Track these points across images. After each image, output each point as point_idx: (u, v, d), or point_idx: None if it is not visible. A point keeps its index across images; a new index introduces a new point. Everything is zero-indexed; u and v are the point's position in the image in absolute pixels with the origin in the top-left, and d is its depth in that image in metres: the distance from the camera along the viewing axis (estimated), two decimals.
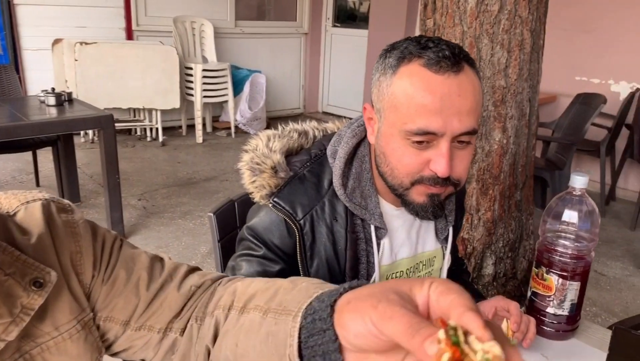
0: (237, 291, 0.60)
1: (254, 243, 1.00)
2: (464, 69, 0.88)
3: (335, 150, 1.02)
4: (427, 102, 0.85)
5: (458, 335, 0.35)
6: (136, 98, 4.85)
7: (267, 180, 1.00)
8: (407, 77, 0.88)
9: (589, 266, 1.06)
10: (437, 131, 0.86)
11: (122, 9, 5.12)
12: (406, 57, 0.88)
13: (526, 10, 2.30)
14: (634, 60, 4.05)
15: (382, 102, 0.92)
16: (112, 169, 3.01)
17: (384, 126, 0.93)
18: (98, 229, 0.66)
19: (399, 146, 0.90)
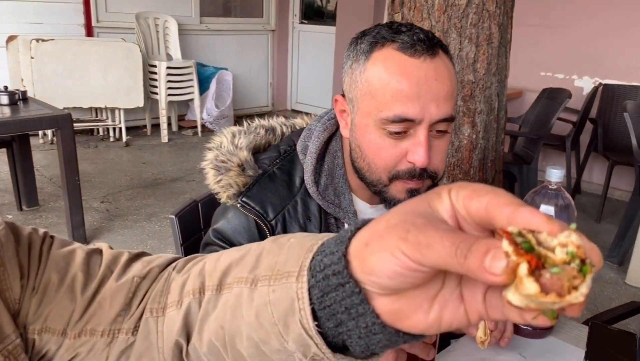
0: (205, 270, 0.51)
1: (221, 248, 0.94)
2: (439, 53, 0.84)
3: (306, 145, 0.97)
4: (403, 87, 0.81)
5: (528, 238, 0.29)
6: (98, 97, 4.68)
7: (235, 178, 0.94)
8: (381, 62, 0.84)
9: None
10: (414, 118, 0.82)
11: (81, 4, 4.94)
12: (379, 41, 0.85)
13: (494, 4, 2.29)
14: (597, 56, 4.12)
15: (356, 91, 0.88)
16: (72, 171, 2.88)
17: (358, 116, 0.88)
18: (21, 232, 0.56)
19: (375, 138, 0.86)
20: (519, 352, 1.01)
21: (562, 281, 0.29)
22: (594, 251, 0.30)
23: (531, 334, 1.05)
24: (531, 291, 0.29)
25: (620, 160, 3.57)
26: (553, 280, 0.29)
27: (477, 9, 2.27)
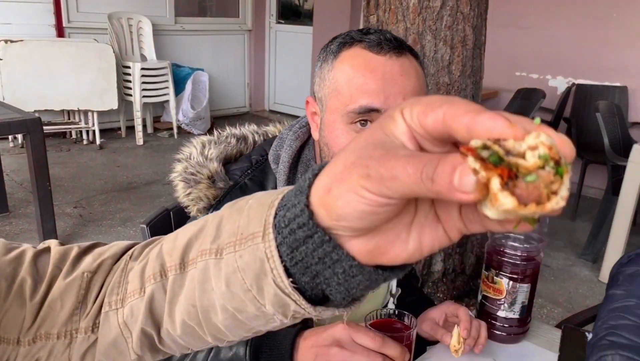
0: (164, 251, 0.47)
1: None
2: (406, 54, 0.86)
3: (278, 155, 0.96)
4: (368, 81, 0.82)
5: (494, 149, 0.27)
6: (70, 99, 4.58)
7: (205, 191, 0.92)
8: (348, 60, 0.85)
9: (538, 267, 1.04)
10: (379, 107, 0.82)
11: (52, 4, 4.82)
12: (348, 42, 0.86)
13: (467, 6, 2.30)
14: (569, 55, 4.19)
15: (324, 89, 0.88)
16: (42, 177, 2.80)
17: (327, 113, 0.88)
18: None
19: (342, 133, 0.86)
20: (493, 358, 1.01)
21: (539, 188, 0.27)
22: (565, 145, 0.29)
23: (505, 339, 1.05)
24: (508, 206, 0.27)
25: (593, 159, 3.63)
26: (529, 189, 0.27)
27: (452, 11, 2.28)
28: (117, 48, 5.02)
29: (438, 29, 2.30)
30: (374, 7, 2.42)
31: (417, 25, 2.30)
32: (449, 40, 2.31)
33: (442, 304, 1.03)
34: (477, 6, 2.34)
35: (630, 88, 3.94)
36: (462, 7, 2.29)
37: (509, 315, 1.04)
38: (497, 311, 1.04)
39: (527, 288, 1.03)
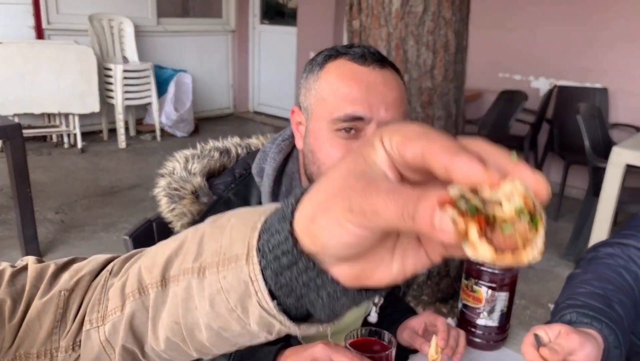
0: (142, 268, 0.47)
1: None
2: (387, 67, 0.89)
3: (262, 168, 0.96)
4: (353, 90, 0.85)
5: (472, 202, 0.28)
6: (50, 102, 4.51)
7: (188, 207, 0.92)
8: (333, 70, 0.88)
9: (516, 276, 1.05)
10: (363, 115, 0.85)
11: (31, 5, 4.74)
12: (333, 55, 0.89)
13: (449, 11, 2.31)
14: (551, 57, 4.24)
15: (310, 99, 0.90)
16: (22, 183, 2.76)
17: (312, 121, 0.90)
18: None
19: (327, 140, 0.87)
20: None
21: (515, 238, 0.28)
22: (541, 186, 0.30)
23: (485, 346, 1.07)
24: (485, 255, 0.28)
25: (575, 159, 3.68)
26: (506, 239, 0.28)
27: (434, 16, 2.29)
28: (99, 50, 4.96)
29: (420, 34, 2.31)
30: (356, 12, 2.43)
31: (399, 31, 2.31)
32: (432, 45, 2.33)
33: (422, 313, 1.04)
34: (459, 11, 2.36)
35: (610, 90, 4.01)
36: (444, 13, 2.30)
37: (488, 322, 1.05)
38: (477, 319, 1.05)
39: (505, 297, 1.04)
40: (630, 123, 3.87)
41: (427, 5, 2.27)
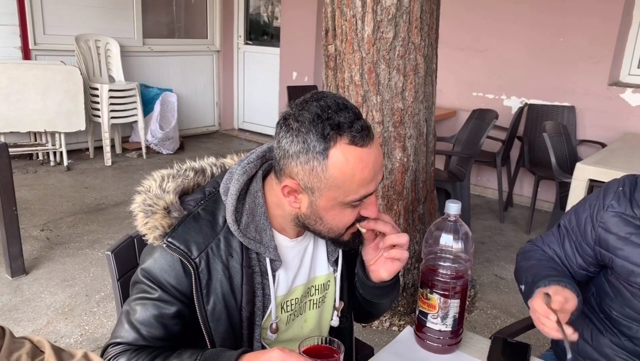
0: None
1: (149, 286, 1.00)
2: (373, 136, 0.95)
3: (228, 187, 1.03)
4: (365, 175, 0.94)
5: None
6: (36, 121, 4.58)
7: (160, 221, 0.99)
8: (341, 158, 0.91)
9: (467, 283, 1.16)
10: (373, 191, 0.97)
11: (17, 27, 4.83)
12: (331, 138, 0.90)
13: (418, 37, 2.46)
14: (522, 77, 4.43)
15: (319, 183, 0.94)
16: (9, 202, 2.82)
17: (323, 200, 0.96)
18: None
19: (339, 212, 0.98)
20: None
21: None
22: None
23: (439, 350, 1.17)
24: None
25: (544, 175, 3.84)
26: None
27: (404, 41, 2.44)
28: (85, 70, 5.05)
29: (391, 58, 2.45)
30: (331, 38, 2.57)
31: (372, 55, 2.45)
32: (402, 68, 2.47)
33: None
34: (428, 37, 2.51)
35: (577, 108, 4.20)
36: (414, 38, 2.45)
37: (442, 327, 1.16)
38: (432, 324, 1.16)
39: (457, 303, 1.15)
40: (596, 140, 4.06)
41: (397, 32, 2.42)
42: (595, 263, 1.28)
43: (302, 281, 1.11)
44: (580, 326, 1.34)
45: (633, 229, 1.18)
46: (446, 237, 1.13)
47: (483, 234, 3.96)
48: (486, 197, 4.78)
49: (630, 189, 1.22)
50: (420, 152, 2.66)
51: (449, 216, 1.13)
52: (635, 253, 1.16)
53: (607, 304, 1.27)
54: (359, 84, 2.50)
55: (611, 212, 1.22)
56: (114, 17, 5.48)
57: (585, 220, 1.27)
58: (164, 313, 0.99)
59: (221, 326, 1.01)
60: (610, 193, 1.24)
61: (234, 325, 1.02)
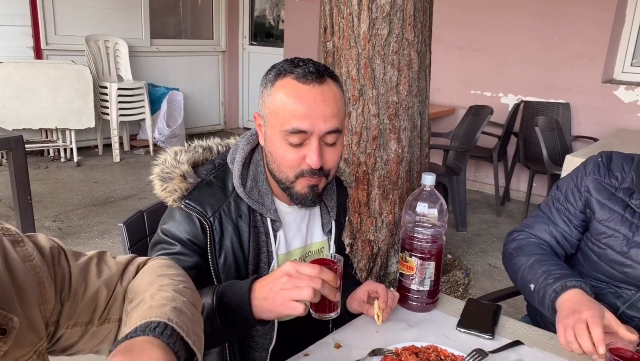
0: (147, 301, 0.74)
1: (169, 243, 1.13)
2: (326, 81, 1.08)
3: (234, 157, 1.19)
4: (297, 107, 1.05)
5: None
6: (48, 118, 4.75)
7: (178, 184, 1.13)
8: (282, 89, 1.07)
9: (441, 248, 1.29)
10: (307, 129, 1.06)
11: (30, 27, 5.01)
12: (281, 73, 1.09)
13: (412, 33, 2.59)
14: (518, 75, 4.55)
15: (265, 110, 1.11)
16: (24, 191, 2.98)
17: (268, 129, 1.11)
18: (44, 250, 0.72)
19: (281, 145, 1.09)
20: (406, 322, 1.25)
21: None
22: None
23: (418, 308, 1.30)
24: None
25: (538, 169, 3.95)
26: None
27: (398, 38, 2.57)
28: (94, 69, 5.22)
29: (386, 54, 2.58)
30: (329, 35, 2.70)
31: (367, 51, 2.58)
32: (396, 63, 2.60)
33: (364, 283, 1.27)
34: (421, 33, 2.64)
35: (572, 105, 4.31)
36: (407, 35, 2.58)
37: (420, 288, 1.28)
38: (410, 285, 1.29)
39: (433, 266, 1.28)
40: (590, 135, 4.17)
41: (391, 29, 2.55)
42: (587, 230, 1.40)
43: (299, 245, 1.25)
44: None
45: (608, 195, 1.32)
46: (422, 206, 1.26)
47: (479, 227, 4.08)
48: (484, 192, 4.90)
49: (607, 161, 1.37)
50: (415, 144, 2.79)
51: (425, 187, 1.25)
52: (608, 217, 1.30)
53: (577, 269, 1.41)
54: (355, 79, 2.64)
55: (591, 177, 1.36)
56: (122, 18, 5.65)
57: (572, 191, 1.40)
58: (184, 265, 1.11)
59: (230, 277, 1.14)
60: (591, 162, 1.39)
61: (241, 277, 1.15)
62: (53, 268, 0.73)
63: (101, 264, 0.80)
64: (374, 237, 2.84)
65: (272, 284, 0.96)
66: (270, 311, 0.97)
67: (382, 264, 2.91)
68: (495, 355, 1.13)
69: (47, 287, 0.70)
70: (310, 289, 0.92)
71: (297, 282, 0.93)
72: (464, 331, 1.22)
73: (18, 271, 0.66)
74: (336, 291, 0.97)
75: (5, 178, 4.21)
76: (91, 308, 0.76)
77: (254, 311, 0.98)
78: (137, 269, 0.86)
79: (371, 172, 2.73)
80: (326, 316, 1.05)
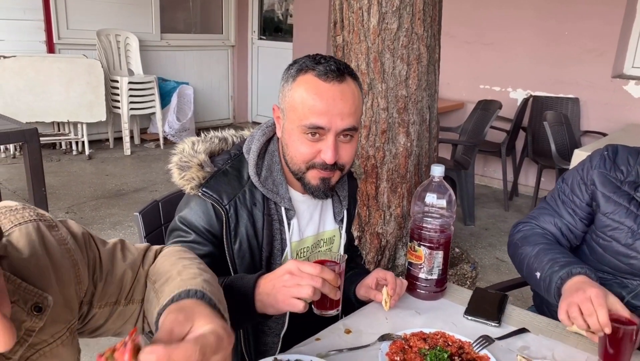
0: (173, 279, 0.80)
1: (184, 231, 1.17)
2: (346, 80, 1.12)
3: (249, 148, 1.23)
4: (316, 104, 1.09)
5: None
6: (60, 112, 4.81)
7: (196, 173, 1.17)
8: (302, 85, 1.11)
9: (450, 238, 1.32)
10: (324, 126, 1.10)
11: (42, 22, 5.07)
12: (303, 69, 1.12)
13: (421, 28, 2.61)
14: (528, 70, 4.55)
15: (285, 104, 1.15)
16: (38, 182, 3.03)
17: (287, 122, 1.15)
18: (76, 235, 0.78)
19: (297, 138, 1.13)
20: (415, 310, 1.29)
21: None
22: None
23: (426, 297, 1.33)
24: None
25: (547, 164, 3.96)
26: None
27: (407, 32, 2.59)
28: (106, 63, 5.27)
29: (396, 48, 2.60)
30: (339, 29, 2.73)
31: (377, 45, 2.60)
32: (406, 58, 2.62)
33: (373, 271, 1.30)
34: (430, 27, 2.66)
35: (581, 100, 4.30)
36: (417, 29, 2.60)
37: (428, 276, 1.32)
38: (419, 273, 1.32)
39: (441, 255, 1.31)
40: (599, 130, 4.16)
41: (401, 23, 2.57)
42: (592, 222, 1.42)
43: (312, 233, 1.28)
44: None
45: (614, 188, 1.34)
46: (431, 196, 1.28)
47: (487, 221, 4.09)
48: (492, 187, 4.90)
49: (613, 155, 1.38)
50: (424, 138, 2.81)
51: (434, 178, 1.28)
52: (613, 210, 1.33)
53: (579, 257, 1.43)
54: (365, 73, 2.66)
55: (597, 171, 1.38)
56: (133, 13, 5.70)
57: (578, 183, 1.43)
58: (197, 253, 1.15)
59: (245, 263, 1.18)
60: (597, 156, 1.41)
61: (255, 263, 1.19)
62: (86, 251, 0.78)
63: (125, 250, 0.85)
64: (382, 230, 2.87)
65: (275, 281, 1.00)
66: (272, 306, 1.00)
67: (390, 256, 2.94)
68: (501, 341, 1.16)
69: (80, 268, 0.74)
70: (311, 288, 0.95)
71: (298, 280, 0.96)
72: (471, 319, 1.25)
73: (55, 254, 0.71)
74: (336, 290, 1.00)
75: (20, 170, 4.28)
76: (118, 289, 0.81)
77: (257, 306, 1.01)
78: (155, 255, 0.90)
79: (380, 166, 2.76)
80: (327, 313, 1.08)
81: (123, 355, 0.54)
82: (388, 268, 2.94)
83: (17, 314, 0.62)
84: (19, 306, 0.63)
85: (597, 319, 1.07)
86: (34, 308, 0.64)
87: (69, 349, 0.73)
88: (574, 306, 1.11)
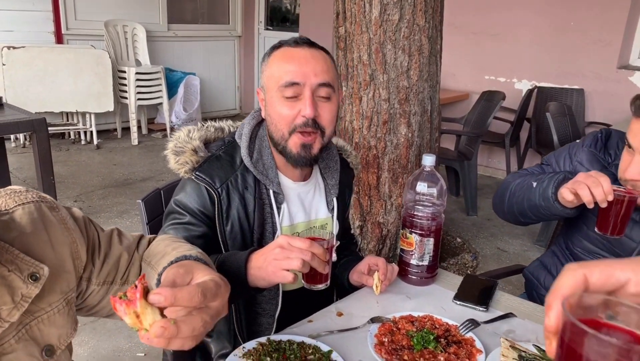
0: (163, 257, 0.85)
1: (180, 213, 1.23)
2: (317, 48, 1.21)
3: (242, 132, 1.29)
4: (289, 64, 1.18)
5: None
6: (68, 102, 4.88)
7: (189, 157, 1.23)
8: (276, 56, 1.21)
9: (440, 225, 1.36)
10: (299, 81, 1.17)
11: (51, 12, 5.13)
12: (277, 46, 1.23)
13: (423, 19, 2.62)
14: (532, 60, 4.54)
15: (264, 79, 1.24)
16: (47, 171, 3.10)
17: (268, 94, 1.22)
18: (77, 218, 0.85)
19: (277, 103, 1.19)
20: (406, 295, 1.33)
21: None
22: None
23: (417, 282, 1.37)
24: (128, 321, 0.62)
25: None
26: None
27: (409, 23, 2.61)
28: (113, 53, 5.33)
29: (397, 39, 2.62)
30: (342, 20, 2.75)
31: (379, 36, 2.62)
32: (407, 49, 2.64)
33: (366, 257, 1.35)
34: (432, 19, 2.67)
35: (586, 91, 4.29)
36: (418, 20, 2.62)
37: (419, 262, 1.36)
38: (410, 260, 1.36)
39: (432, 242, 1.34)
40: (604, 121, 4.16)
41: (402, 14, 2.59)
42: None
43: (302, 219, 1.33)
44: (550, 265, 1.53)
45: (600, 167, 1.38)
46: (422, 185, 1.32)
47: (490, 211, 4.11)
48: (496, 178, 4.92)
49: (605, 138, 1.42)
50: (425, 129, 2.83)
51: (426, 167, 1.32)
52: None
53: (570, 240, 1.47)
54: (367, 64, 2.69)
55: (587, 149, 1.43)
56: (140, 4, 5.74)
57: (564, 157, 1.48)
58: (192, 234, 1.21)
59: (237, 244, 1.23)
60: (590, 137, 1.46)
61: (247, 244, 1.24)
62: (85, 232, 0.84)
63: (121, 235, 0.92)
64: (384, 219, 2.91)
65: (266, 254, 1.04)
66: (263, 279, 1.04)
67: (391, 246, 2.98)
68: (487, 325, 1.20)
69: (79, 245, 0.81)
70: (300, 260, 0.99)
71: (288, 253, 1.01)
72: (460, 304, 1.29)
73: (55, 231, 0.78)
74: (325, 264, 1.04)
75: (29, 160, 4.37)
76: (115, 269, 0.88)
77: (249, 279, 1.06)
78: (149, 242, 0.97)
79: (381, 156, 2.79)
80: (315, 286, 1.12)
81: (135, 294, 0.61)
82: (389, 257, 2.98)
83: (15, 281, 0.70)
84: (15, 274, 0.70)
85: (602, 190, 1.16)
86: (31, 277, 0.70)
87: (66, 318, 0.79)
88: (578, 183, 1.20)
